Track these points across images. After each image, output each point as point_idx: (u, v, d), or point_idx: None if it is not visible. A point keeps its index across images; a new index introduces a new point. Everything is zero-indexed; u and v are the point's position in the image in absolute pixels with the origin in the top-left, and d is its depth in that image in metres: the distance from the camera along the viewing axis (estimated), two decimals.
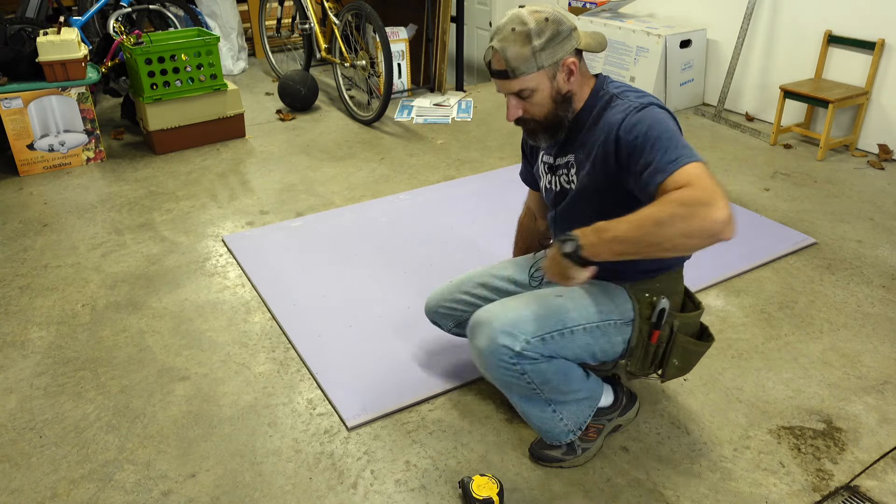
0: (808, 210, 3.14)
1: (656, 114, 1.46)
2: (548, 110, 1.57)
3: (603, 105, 1.57)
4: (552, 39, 1.50)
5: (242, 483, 1.75)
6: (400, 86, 4.69)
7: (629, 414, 1.87)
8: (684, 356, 1.69)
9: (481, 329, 1.59)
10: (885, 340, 2.27)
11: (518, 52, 1.48)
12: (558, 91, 1.55)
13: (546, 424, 1.70)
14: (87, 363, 2.19)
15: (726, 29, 4.35)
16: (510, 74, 1.51)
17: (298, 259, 2.75)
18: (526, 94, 1.54)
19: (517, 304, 1.61)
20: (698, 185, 1.30)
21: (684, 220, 1.27)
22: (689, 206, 1.27)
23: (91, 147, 3.67)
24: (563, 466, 1.79)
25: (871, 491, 1.72)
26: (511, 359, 1.55)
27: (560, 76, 1.54)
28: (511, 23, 1.50)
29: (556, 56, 1.51)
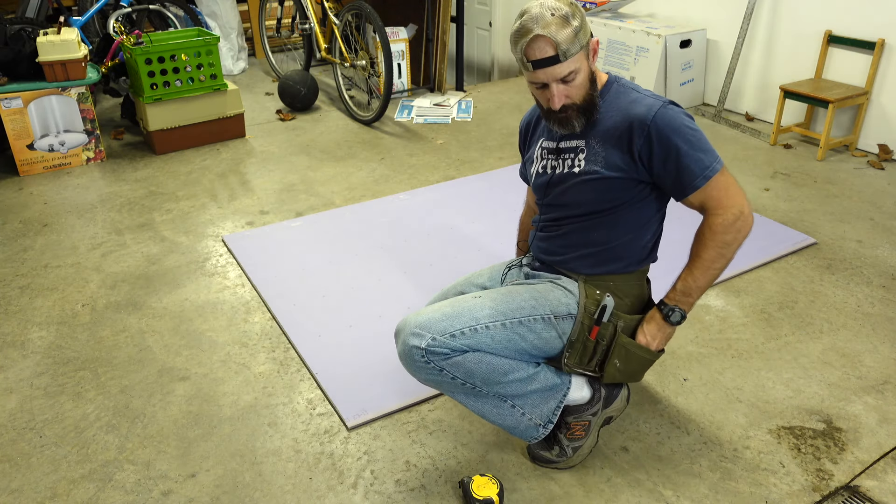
0: (808, 210, 3.14)
1: (680, 115, 1.58)
2: (585, 91, 1.61)
3: (614, 94, 1.65)
4: (583, 20, 1.56)
5: (242, 483, 1.75)
6: (400, 86, 4.69)
7: (617, 403, 1.80)
8: (627, 359, 1.67)
9: (398, 336, 1.63)
10: (885, 340, 2.27)
11: (567, 34, 1.52)
12: (591, 71, 1.61)
13: (507, 420, 1.69)
14: (87, 363, 2.19)
15: (726, 29, 4.35)
16: (561, 58, 1.53)
17: (298, 259, 2.75)
18: (571, 78, 1.56)
19: (431, 308, 1.65)
20: (727, 204, 1.57)
21: (736, 241, 1.59)
22: (733, 230, 1.57)
23: (91, 147, 3.67)
24: (559, 467, 1.79)
25: (871, 491, 1.72)
26: (422, 357, 1.57)
27: (591, 56, 1.60)
28: (545, 10, 1.52)
29: (587, 35, 1.57)
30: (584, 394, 1.76)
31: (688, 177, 1.56)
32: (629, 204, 1.65)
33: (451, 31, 4.78)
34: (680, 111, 1.59)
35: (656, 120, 1.55)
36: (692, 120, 1.59)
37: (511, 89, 4.98)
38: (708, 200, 1.58)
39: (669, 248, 2.79)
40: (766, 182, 3.44)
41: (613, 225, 1.67)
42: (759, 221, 3.01)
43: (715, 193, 1.57)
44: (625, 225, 1.67)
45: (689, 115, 1.60)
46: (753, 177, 3.50)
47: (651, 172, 1.60)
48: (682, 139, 1.55)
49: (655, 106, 1.56)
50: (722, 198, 1.57)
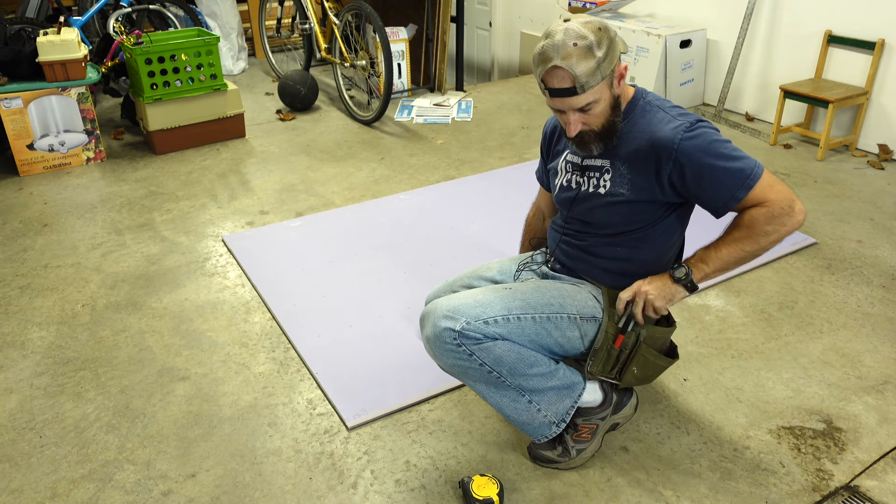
0: (808, 210, 3.14)
1: (710, 131, 1.55)
2: (605, 118, 1.57)
3: (640, 113, 1.61)
4: (610, 48, 1.49)
5: (242, 483, 1.75)
6: (400, 86, 4.69)
7: (625, 411, 1.82)
8: (645, 367, 1.69)
9: (427, 319, 1.63)
10: (885, 340, 2.27)
11: (587, 67, 1.46)
12: (615, 97, 1.57)
13: (522, 416, 1.69)
14: (87, 363, 2.19)
15: (726, 29, 4.35)
16: (579, 91, 1.49)
17: (298, 259, 2.75)
18: (589, 108, 1.53)
19: (461, 294, 1.66)
20: (773, 197, 1.51)
21: (776, 232, 1.52)
22: (776, 221, 1.50)
23: (91, 147, 3.67)
24: (560, 468, 1.79)
25: (871, 491, 1.72)
26: (454, 339, 1.57)
27: (615, 83, 1.55)
28: (569, 38, 1.47)
29: (613, 63, 1.51)
30: (597, 397, 1.77)
31: (727, 191, 1.53)
32: (654, 224, 1.65)
33: (451, 31, 4.78)
34: (706, 128, 1.55)
35: (683, 143, 1.52)
36: (719, 133, 1.56)
37: (511, 89, 4.98)
38: (755, 200, 1.53)
39: None
40: None
41: (637, 244, 1.67)
42: None
43: (759, 194, 1.52)
44: (649, 243, 1.67)
45: (715, 128, 1.57)
46: None
47: (684, 194, 1.59)
48: (713, 156, 1.52)
49: (682, 127, 1.53)
50: (766, 195, 1.52)
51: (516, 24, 5.79)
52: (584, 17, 1.53)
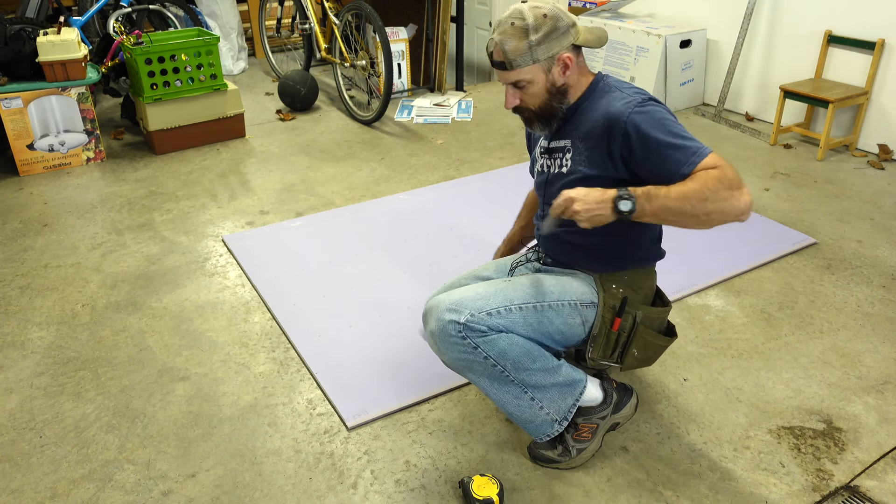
0: (808, 210, 3.14)
1: (661, 110, 1.56)
2: (542, 101, 1.64)
3: (598, 94, 1.66)
4: (548, 35, 1.57)
5: (242, 483, 1.75)
6: (400, 86, 4.69)
7: (625, 410, 1.82)
8: (645, 348, 1.74)
9: (430, 314, 1.65)
10: (885, 340, 2.27)
11: (515, 46, 1.56)
12: (553, 83, 1.63)
13: (525, 413, 1.69)
14: (87, 363, 2.19)
15: (726, 29, 4.35)
16: (507, 66, 1.59)
17: (298, 259, 2.75)
18: (522, 85, 1.62)
19: (462, 289, 1.69)
20: (728, 170, 1.44)
21: (723, 200, 1.42)
22: (728, 188, 1.42)
23: (91, 147, 3.67)
24: (560, 468, 1.79)
25: (871, 491, 1.72)
26: (459, 332, 1.59)
27: (555, 70, 1.61)
28: (511, 17, 1.58)
29: (552, 51, 1.58)
30: (598, 396, 1.78)
31: (673, 166, 1.48)
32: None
33: (451, 31, 4.78)
34: (659, 107, 1.57)
35: (632, 116, 1.53)
36: (672, 115, 1.57)
37: None
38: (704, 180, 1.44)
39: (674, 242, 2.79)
40: (766, 182, 3.44)
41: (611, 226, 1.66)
42: (759, 221, 3.01)
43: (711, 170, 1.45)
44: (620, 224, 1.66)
45: (668, 110, 1.58)
46: (753, 177, 3.50)
47: (633, 170, 1.57)
48: (661, 131, 1.51)
49: (633, 102, 1.55)
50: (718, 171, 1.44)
51: None
52: (540, 3, 1.63)
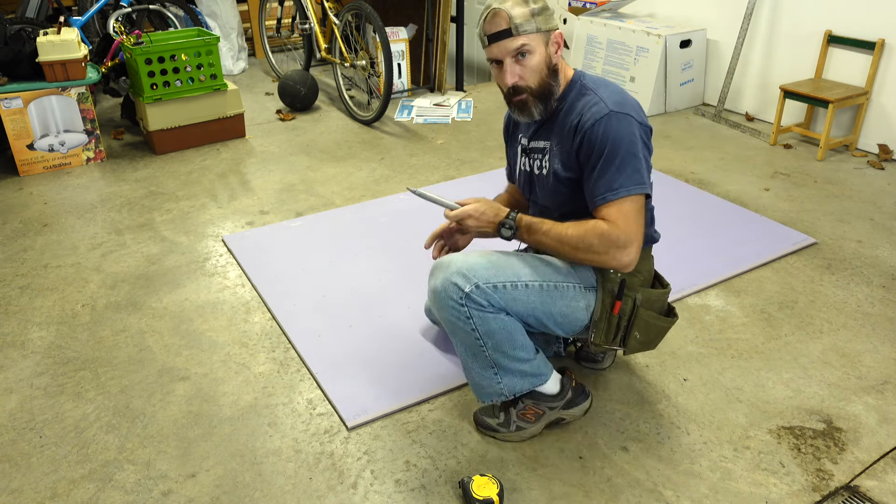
0: (808, 210, 3.14)
1: (624, 127, 1.58)
2: (541, 77, 1.65)
3: (576, 95, 1.69)
4: (544, 9, 1.63)
5: (242, 483, 1.75)
6: (400, 86, 4.69)
7: (575, 410, 1.88)
8: (646, 330, 1.77)
9: (439, 270, 1.69)
10: (885, 340, 2.27)
11: (521, 11, 1.59)
12: (550, 59, 1.65)
13: (482, 381, 1.77)
14: (87, 363, 2.19)
15: (726, 29, 4.35)
16: (513, 31, 1.59)
17: (298, 259, 2.75)
18: (525, 52, 1.62)
19: (476, 254, 1.71)
20: (622, 227, 1.56)
21: (597, 254, 1.59)
22: (605, 244, 1.57)
23: (91, 147, 3.67)
24: (497, 437, 1.85)
25: (871, 491, 1.72)
26: (460, 298, 1.63)
27: (551, 46, 1.65)
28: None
29: (549, 24, 1.63)
30: (554, 388, 1.84)
31: (595, 188, 1.60)
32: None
33: (451, 31, 4.78)
34: (628, 122, 1.59)
35: (595, 126, 1.59)
36: (636, 136, 1.59)
37: None
38: (609, 217, 1.59)
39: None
40: (766, 182, 3.44)
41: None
42: (759, 221, 3.01)
43: (617, 214, 1.58)
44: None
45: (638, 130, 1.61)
46: (753, 177, 3.50)
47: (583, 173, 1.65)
48: (611, 149, 1.57)
49: (602, 112, 1.59)
50: (621, 220, 1.57)
51: None
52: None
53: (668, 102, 4.46)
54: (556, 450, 1.84)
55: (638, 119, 1.62)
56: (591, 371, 2.11)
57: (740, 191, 3.34)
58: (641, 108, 1.67)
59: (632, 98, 1.67)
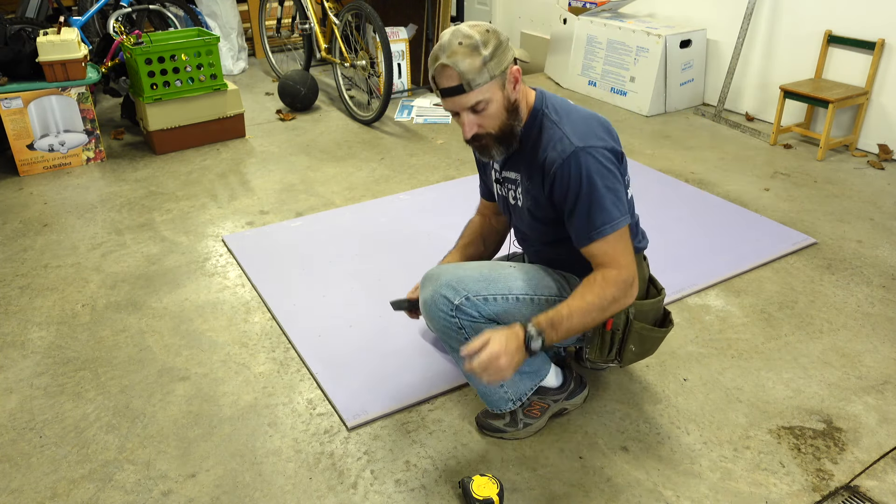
0: (808, 210, 3.14)
1: (592, 163, 1.53)
2: (501, 121, 1.57)
3: (539, 127, 1.62)
4: (497, 49, 1.51)
5: (242, 483, 1.75)
6: (400, 86, 4.69)
7: (576, 399, 1.92)
8: (641, 342, 1.75)
9: (429, 282, 1.69)
10: (885, 340, 2.27)
11: (471, 64, 1.48)
12: (508, 100, 1.56)
13: (488, 389, 1.77)
14: (87, 363, 2.19)
15: (726, 29, 4.35)
16: (466, 88, 1.50)
17: (298, 259, 2.75)
18: (481, 107, 1.53)
19: (470, 265, 1.71)
20: (623, 264, 1.55)
21: (620, 302, 1.57)
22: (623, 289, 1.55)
23: (91, 147, 3.67)
24: (505, 437, 1.85)
25: (871, 491, 1.72)
26: (450, 310, 1.63)
27: (508, 85, 1.55)
28: (455, 38, 1.50)
29: (503, 65, 1.52)
30: (557, 380, 1.86)
31: (585, 227, 1.55)
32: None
33: None
34: (595, 158, 1.53)
35: (563, 167, 1.53)
36: (607, 169, 1.55)
37: None
38: (603, 260, 1.56)
39: (669, 234, 2.79)
40: (766, 182, 3.44)
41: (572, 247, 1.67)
42: (759, 221, 3.01)
43: (611, 252, 1.55)
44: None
45: (607, 161, 1.55)
46: (753, 177, 3.50)
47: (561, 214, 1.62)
48: (586, 190, 1.53)
49: (567, 151, 1.53)
50: (618, 256, 1.55)
51: (516, 24, 5.79)
52: (474, 21, 1.57)
53: (668, 102, 4.46)
54: (556, 450, 1.84)
55: (606, 146, 1.57)
56: (591, 370, 2.11)
57: (740, 191, 3.34)
58: (608, 130, 1.62)
59: (596, 122, 1.61)
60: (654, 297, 1.78)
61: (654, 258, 2.65)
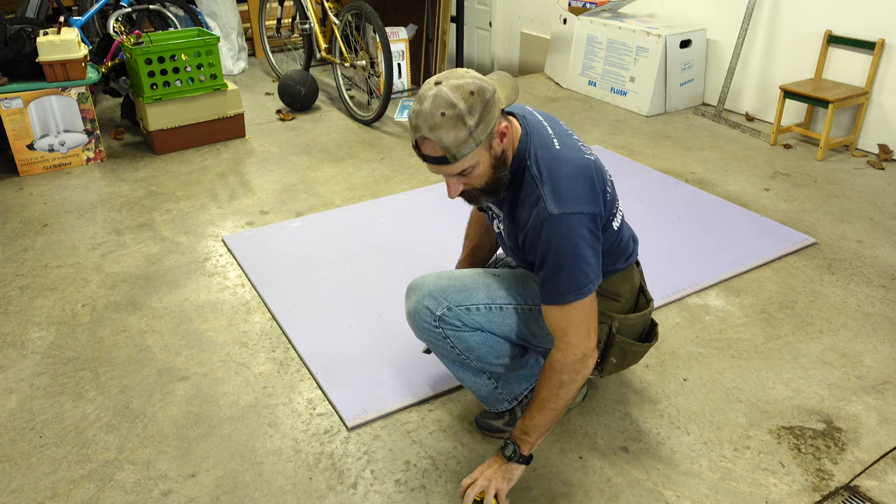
0: (808, 210, 3.14)
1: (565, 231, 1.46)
2: (488, 178, 1.50)
3: (520, 179, 1.54)
4: (483, 112, 1.40)
5: (242, 483, 1.75)
6: (400, 86, 4.69)
7: (577, 396, 1.90)
8: (623, 355, 1.75)
9: (412, 293, 1.69)
10: (885, 340, 2.27)
11: (455, 137, 1.38)
12: (496, 157, 1.49)
13: (480, 390, 1.78)
14: (87, 363, 2.19)
15: (726, 29, 4.35)
16: (451, 160, 1.42)
17: (298, 259, 2.75)
18: (468, 172, 1.47)
19: (451, 274, 1.70)
20: (572, 341, 1.50)
21: (573, 382, 1.52)
22: (571, 372, 1.51)
23: (91, 147, 3.67)
24: (504, 437, 1.85)
25: (871, 491, 1.72)
26: (434, 321, 1.63)
27: (495, 143, 1.47)
28: (437, 107, 1.38)
29: (490, 126, 1.42)
30: None
31: (547, 291, 1.49)
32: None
33: (451, 31, 4.78)
34: (570, 223, 1.46)
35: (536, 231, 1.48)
36: (579, 236, 1.47)
37: None
38: (556, 327, 1.51)
39: (669, 250, 2.79)
40: (766, 182, 3.44)
41: None
42: (759, 221, 3.01)
43: (564, 323, 1.50)
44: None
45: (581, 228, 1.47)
46: (753, 177, 3.50)
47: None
48: (555, 256, 1.46)
49: (542, 216, 1.46)
50: (568, 330, 1.49)
51: (516, 24, 5.79)
52: (458, 79, 1.41)
53: (668, 102, 4.46)
54: (556, 450, 1.84)
55: (584, 212, 1.48)
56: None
57: (740, 191, 3.34)
58: (593, 186, 1.51)
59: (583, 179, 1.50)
60: (642, 310, 1.75)
61: (655, 258, 2.66)
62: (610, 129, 4.15)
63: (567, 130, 1.64)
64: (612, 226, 1.63)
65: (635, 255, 1.77)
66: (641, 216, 3.00)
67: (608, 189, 1.60)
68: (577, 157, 1.53)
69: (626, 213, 2.75)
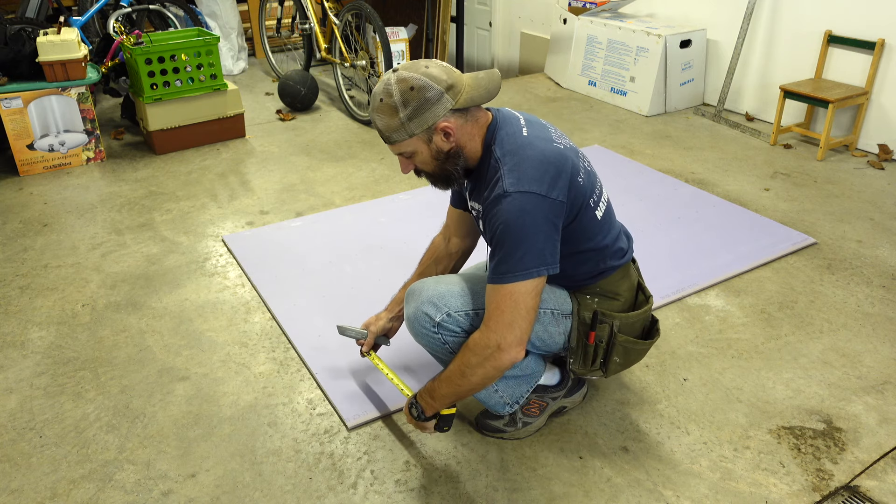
0: (808, 210, 3.14)
1: (516, 207, 1.45)
2: (434, 167, 1.58)
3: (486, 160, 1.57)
4: (418, 109, 1.48)
5: (242, 483, 1.75)
6: None
7: (575, 397, 1.92)
8: (626, 354, 1.75)
9: (412, 298, 1.70)
10: (885, 340, 2.27)
11: (387, 123, 1.52)
12: (439, 151, 1.54)
13: (480, 394, 1.77)
14: (87, 363, 2.19)
15: (726, 29, 4.35)
16: (386, 141, 1.56)
17: (298, 259, 2.75)
18: (408, 156, 1.57)
19: (451, 279, 1.70)
20: (492, 327, 1.48)
21: (480, 367, 1.52)
22: (480, 357, 1.51)
23: (91, 147, 3.67)
24: (504, 437, 1.86)
25: (871, 491, 1.72)
26: (432, 327, 1.65)
27: (437, 138, 1.52)
28: (381, 92, 1.52)
29: (427, 123, 1.49)
30: (555, 379, 1.87)
31: (490, 269, 1.50)
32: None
33: (451, 31, 4.78)
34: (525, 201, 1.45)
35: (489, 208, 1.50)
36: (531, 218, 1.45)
37: (511, 89, 4.98)
38: (488, 304, 1.50)
39: (667, 250, 2.79)
40: (766, 182, 3.44)
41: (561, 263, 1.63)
42: (759, 221, 3.01)
43: (492, 306, 1.48)
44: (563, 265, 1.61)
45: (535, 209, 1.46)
46: (753, 177, 3.50)
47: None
48: (502, 232, 1.46)
49: (496, 193, 1.48)
50: (493, 314, 1.48)
51: (516, 24, 5.79)
52: (410, 72, 1.50)
53: (668, 102, 4.46)
54: (556, 450, 1.84)
55: (540, 192, 1.46)
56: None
57: (740, 191, 3.34)
58: (559, 176, 1.50)
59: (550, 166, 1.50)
60: (642, 307, 1.75)
61: (655, 258, 2.66)
62: (610, 129, 4.15)
63: (545, 125, 1.63)
64: (595, 214, 1.62)
65: (630, 251, 1.77)
66: (641, 216, 3.00)
67: (580, 177, 1.57)
68: (545, 146, 1.54)
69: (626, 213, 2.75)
